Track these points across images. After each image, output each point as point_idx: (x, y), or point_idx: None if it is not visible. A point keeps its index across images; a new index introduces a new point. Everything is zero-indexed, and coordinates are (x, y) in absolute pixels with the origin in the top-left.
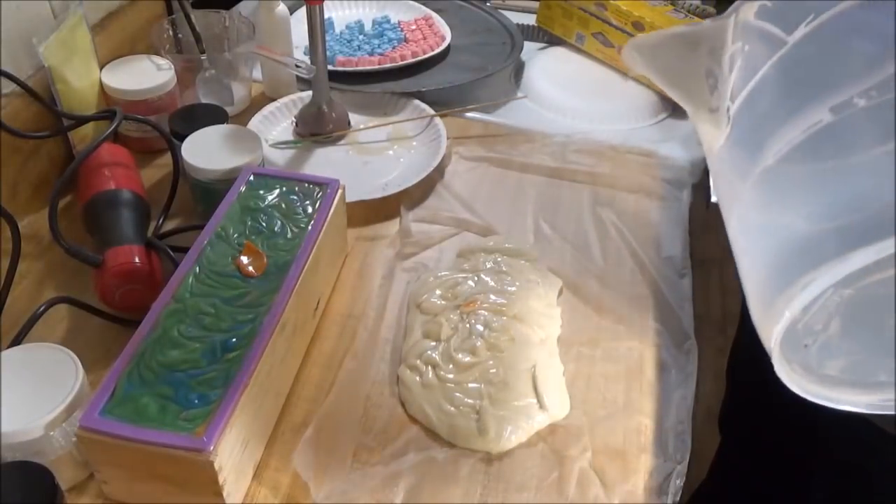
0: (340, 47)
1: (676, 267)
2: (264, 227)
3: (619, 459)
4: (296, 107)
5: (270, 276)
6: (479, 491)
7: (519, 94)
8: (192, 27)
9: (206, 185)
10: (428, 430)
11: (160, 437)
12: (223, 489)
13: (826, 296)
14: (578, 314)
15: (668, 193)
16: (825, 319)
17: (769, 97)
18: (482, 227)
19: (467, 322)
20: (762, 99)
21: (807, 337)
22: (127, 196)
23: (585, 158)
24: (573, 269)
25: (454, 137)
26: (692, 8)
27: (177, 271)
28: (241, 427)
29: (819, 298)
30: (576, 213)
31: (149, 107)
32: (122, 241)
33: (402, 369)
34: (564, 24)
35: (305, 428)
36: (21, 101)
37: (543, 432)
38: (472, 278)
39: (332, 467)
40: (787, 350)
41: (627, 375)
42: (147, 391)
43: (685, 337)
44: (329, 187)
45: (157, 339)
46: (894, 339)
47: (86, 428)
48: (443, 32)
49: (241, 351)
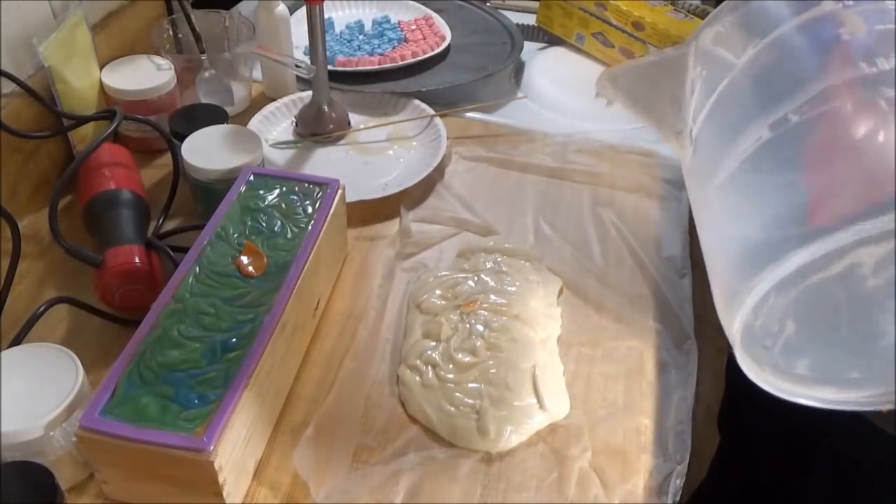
0: (340, 47)
1: (676, 267)
2: (264, 227)
3: (619, 459)
4: (296, 107)
5: (270, 276)
6: (479, 491)
7: (519, 94)
8: (192, 27)
9: (206, 185)
10: (428, 430)
11: (160, 437)
12: (223, 489)
13: (771, 298)
14: (578, 314)
15: (668, 193)
16: (779, 320)
17: (722, 117)
18: (482, 227)
19: (467, 322)
20: (717, 119)
21: (765, 338)
22: (127, 196)
23: (585, 158)
24: (573, 269)
25: (454, 137)
26: (692, 8)
27: (177, 271)
28: (241, 427)
29: (766, 300)
30: (576, 213)
31: (149, 107)
32: (122, 241)
33: (402, 369)
34: (564, 24)
35: (305, 428)
36: (21, 101)
37: (543, 432)
38: (472, 278)
39: (332, 467)
40: (753, 350)
41: (627, 375)
42: (147, 391)
43: (685, 337)
44: (329, 187)
45: (157, 339)
46: (857, 339)
47: (86, 428)
48: (443, 32)
49: (241, 351)
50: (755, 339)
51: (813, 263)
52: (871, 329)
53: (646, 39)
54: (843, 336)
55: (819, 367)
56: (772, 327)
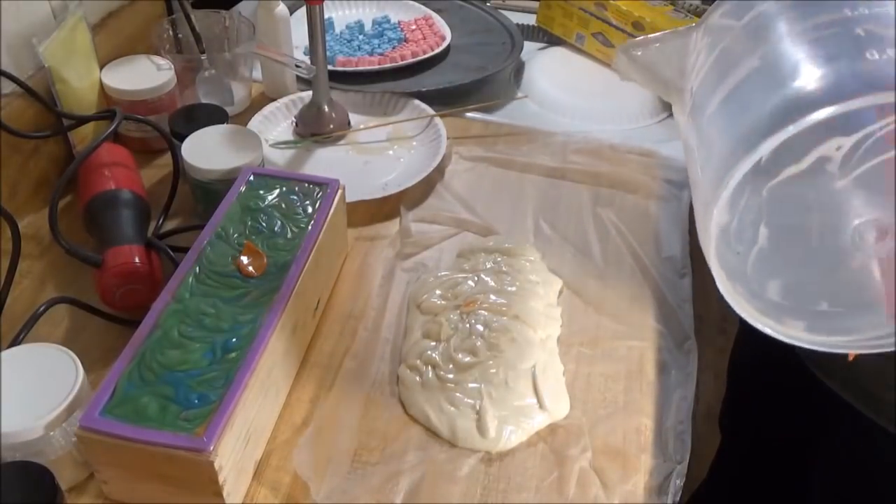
0: (340, 47)
1: (676, 267)
2: (264, 227)
3: (619, 459)
4: (296, 107)
5: (270, 276)
6: (479, 491)
7: (519, 94)
8: (192, 27)
9: (206, 185)
10: (428, 430)
11: (160, 437)
12: (223, 489)
13: (746, 193)
14: (578, 314)
15: (668, 193)
16: (752, 224)
17: (720, 68)
18: (482, 227)
19: (467, 322)
20: (714, 72)
21: (738, 244)
22: (127, 196)
23: (585, 158)
24: (573, 269)
25: (454, 137)
26: (692, 8)
27: (177, 271)
28: (241, 427)
29: (741, 194)
30: (576, 213)
31: (149, 107)
32: (122, 241)
33: (402, 369)
34: (564, 24)
35: (305, 428)
36: (21, 101)
37: (543, 432)
38: (472, 278)
39: (332, 467)
40: (727, 259)
41: (627, 375)
42: (147, 391)
43: (685, 337)
44: (329, 187)
45: (157, 339)
46: (826, 256)
47: (86, 428)
48: (443, 32)
49: (242, 351)
50: (729, 243)
51: (785, 152)
52: (839, 245)
53: None
54: (813, 250)
55: (790, 294)
56: (745, 232)
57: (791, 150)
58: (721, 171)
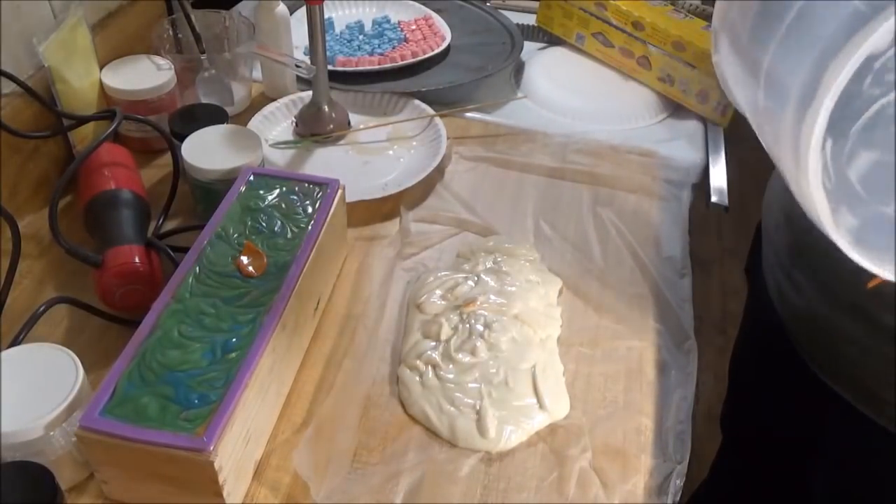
0: (340, 47)
1: (676, 267)
2: (264, 227)
3: (619, 459)
4: (296, 107)
5: (270, 276)
6: (479, 491)
7: (519, 94)
8: (192, 27)
9: (206, 185)
10: (428, 430)
11: (160, 437)
12: (223, 489)
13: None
14: (578, 314)
15: (668, 193)
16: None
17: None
18: (482, 227)
19: (467, 322)
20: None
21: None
22: (127, 196)
23: (585, 158)
24: (573, 269)
25: (454, 137)
26: (692, 8)
27: (177, 271)
28: (241, 427)
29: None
30: (576, 213)
31: (149, 107)
32: (122, 241)
33: (401, 369)
34: (564, 24)
35: (305, 428)
36: (21, 101)
37: (543, 432)
38: (472, 278)
39: (332, 467)
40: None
41: (627, 375)
42: (147, 391)
43: (685, 337)
44: (329, 187)
45: (157, 339)
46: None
47: (86, 428)
48: (443, 32)
49: (242, 351)
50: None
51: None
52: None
53: (646, 39)
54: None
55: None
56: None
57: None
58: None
